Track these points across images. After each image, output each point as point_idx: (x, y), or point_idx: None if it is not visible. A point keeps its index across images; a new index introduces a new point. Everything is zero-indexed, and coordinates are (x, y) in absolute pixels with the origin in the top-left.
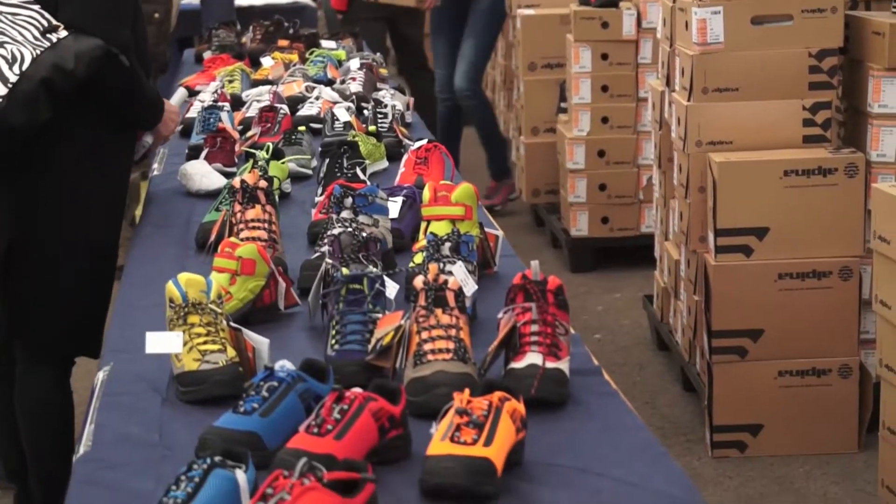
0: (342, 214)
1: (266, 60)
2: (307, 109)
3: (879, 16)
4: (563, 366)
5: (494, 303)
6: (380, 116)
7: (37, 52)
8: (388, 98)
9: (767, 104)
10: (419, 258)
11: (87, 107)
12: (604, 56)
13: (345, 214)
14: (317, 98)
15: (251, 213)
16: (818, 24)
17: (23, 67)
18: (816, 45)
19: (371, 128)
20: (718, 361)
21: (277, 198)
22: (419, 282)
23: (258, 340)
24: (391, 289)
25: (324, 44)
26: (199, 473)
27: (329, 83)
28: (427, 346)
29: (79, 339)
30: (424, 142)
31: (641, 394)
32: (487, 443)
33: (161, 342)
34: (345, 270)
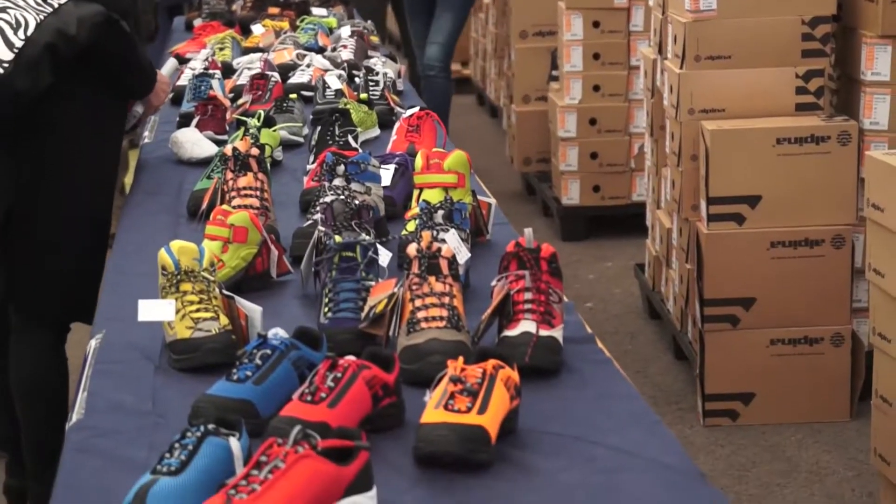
0: (334, 182)
1: (257, 28)
2: (298, 77)
3: None
4: (557, 334)
5: (487, 271)
6: (371, 84)
7: (40, 18)
8: (380, 66)
9: (760, 72)
10: (412, 226)
11: (87, 72)
12: (595, 24)
13: (337, 182)
14: (308, 66)
15: (243, 181)
16: None
17: (27, 32)
18: (809, 13)
19: (363, 95)
20: (710, 330)
21: (269, 166)
22: (412, 249)
23: (251, 308)
24: (384, 257)
25: (314, 11)
26: (193, 441)
27: (320, 51)
28: (420, 314)
29: (75, 304)
30: (416, 109)
31: (633, 362)
32: (481, 411)
33: (153, 310)
34: (338, 238)
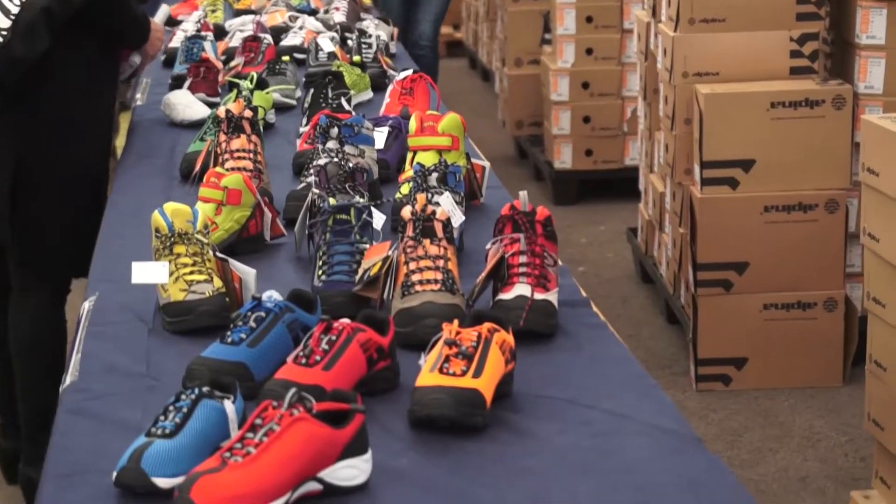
0: (328, 145)
1: None
2: (291, 39)
3: None
4: (552, 297)
5: (481, 234)
6: (364, 47)
7: None
8: (373, 28)
9: (754, 35)
10: (406, 189)
11: (80, 31)
12: None
13: (331, 145)
14: (300, 28)
15: (236, 143)
16: None
17: None
18: None
19: (356, 58)
20: (703, 294)
21: (262, 128)
22: (407, 212)
23: (245, 271)
24: (378, 219)
25: None
26: (188, 404)
27: (312, 13)
28: (415, 277)
29: (77, 259)
30: (409, 72)
31: (625, 327)
32: (476, 374)
33: (147, 272)
34: (332, 200)
